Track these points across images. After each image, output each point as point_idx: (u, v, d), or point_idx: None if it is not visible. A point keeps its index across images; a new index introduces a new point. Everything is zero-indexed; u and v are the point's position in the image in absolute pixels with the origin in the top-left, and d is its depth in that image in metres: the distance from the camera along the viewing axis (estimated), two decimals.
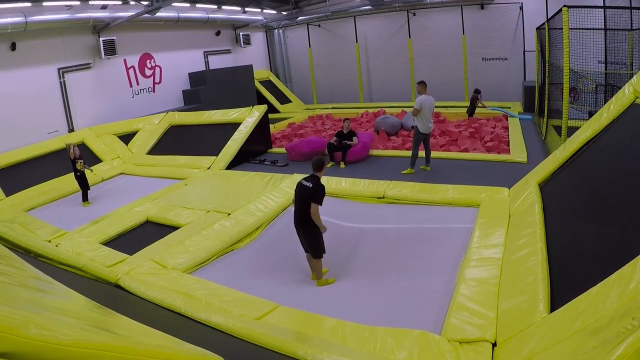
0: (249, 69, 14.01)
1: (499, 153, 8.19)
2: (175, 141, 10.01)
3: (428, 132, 7.28)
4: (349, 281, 4.19)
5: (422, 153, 7.45)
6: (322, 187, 4.09)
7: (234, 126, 9.43)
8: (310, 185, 4.05)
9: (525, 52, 12.84)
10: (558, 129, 7.03)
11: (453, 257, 4.34)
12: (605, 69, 8.85)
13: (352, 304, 3.77)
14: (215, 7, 13.55)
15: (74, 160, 7.26)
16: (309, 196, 3.99)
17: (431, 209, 5.67)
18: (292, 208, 6.13)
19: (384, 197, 6.10)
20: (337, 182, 6.66)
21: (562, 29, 6.41)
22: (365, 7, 14.48)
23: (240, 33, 15.41)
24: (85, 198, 7.36)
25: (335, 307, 3.69)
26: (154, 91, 12.40)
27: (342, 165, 8.15)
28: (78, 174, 7.29)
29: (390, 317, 3.46)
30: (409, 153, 8.67)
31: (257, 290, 4.01)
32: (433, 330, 3.12)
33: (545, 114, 8.67)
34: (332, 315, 3.41)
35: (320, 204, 4.04)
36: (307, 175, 4.23)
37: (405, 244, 4.88)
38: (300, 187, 4.15)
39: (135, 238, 5.60)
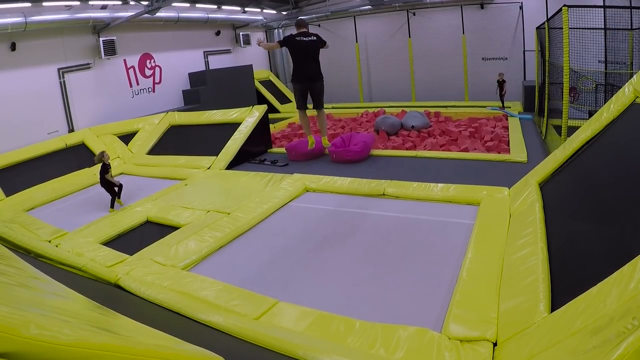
0: (249, 69, 14.01)
1: (499, 153, 8.19)
2: (175, 141, 10.01)
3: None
4: (349, 276, 4.19)
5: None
6: None
7: (234, 126, 9.44)
8: (315, 38, 4.17)
9: (525, 52, 12.84)
10: (558, 129, 7.03)
11: (453, 255, 4.34)
12: (605, 69, 8.84)
13: (352, 300, 3.77)
14: (215, 7, 13.55)
15: (108, 168, 6.63)
16: (317, 46, 4.06)
17: (432, 205, 5.71)
18: (292, 203, 6.23)
19: (384, 195, 6.12)
20: (337, 181, 6.67)
21: (562, 28, 6.41)
22: (365, 7, 14.49)
23: (240, 33, 15.41)
24: (113, 204, 6.79)
25: (335, 303, 3.68)
26: (154, 91, 12.41)
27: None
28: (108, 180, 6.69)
29: (390, 313, 3.46)
30: (409, 153, 8.73)
31: (256, 286, 4.01)
32: (433, 328, 3.12)
33: (545, 114, 8.67)
34: (332, 311, 3.42)
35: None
36: (302, 32, 4.20)
37: (405, 236, 4.90)
38: (302, 43, 4.10)
39: (135, 238, 5.60)
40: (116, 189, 6.82)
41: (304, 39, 4.23)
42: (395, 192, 6.07)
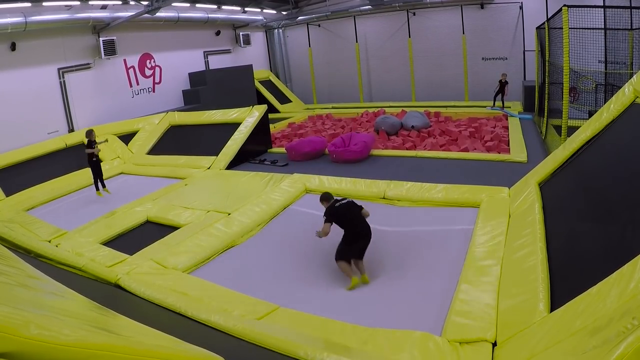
0: (248, 69, 14.01)
1: (499, 153, 8.19)
2: (175, 141, 10.02)
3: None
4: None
5: None
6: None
7: (234, 126, 9.44)
8: (349, 200, 4.36)
9: (525, 52, 12.84)
10: (558, 129, 7.04)
11: (453, 257, 4.34)
12: (605, 69, 8.84)
13: (353, 306, 3.77)
14: (215, 7, 13.54)
15: (93, 144, 7.19)
16: (360, 208, 4.26)
17: (432, 210, 5.67)
18: (292, 207, 6.22)
19: (384, 198, 6.10)
20: (337, 182, 6.66)
21: (562, 28, 6.41)
22: (365, 7, 14.48)
23: (240, 33, 15.41)
24: (98, 187, 7.39)
25: (336, 308, 3.68)
26: (154, 91, 12.40)
27: None
28: (94, 159, 7.23)
29: (390, 318, 3.46)
30: (409, 153, 8.73)
31: (257, 291, 4.01)
32: (433, 332, 3.12)
33: (545, 114, 8.67)
34: (333, 317, 3.41)
35: None
36: (333, 200, 4.37)
37: (405, 246, 4.87)
38: (347, 207, 4.25)
39: (135, 238, 5.60)
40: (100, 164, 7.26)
41: (342, 202, 4.30)
42: (395, 195, 6.04)
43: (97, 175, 7.35)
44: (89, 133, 7.37)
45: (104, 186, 7.49)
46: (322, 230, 4.12)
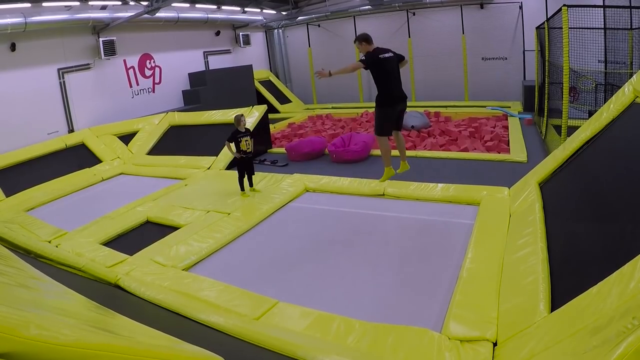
0: (248, 69, 14.01)
1: (499, 152, 8.19)
2: (175, 141, 10.01)
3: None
4: (349, 277, 4.19)
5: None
6: None
7: (234, 126, 9.41)
8: (392, 53, 3.87)
9: (525, 52, 12.84)
10: (558, 129, 7.03)
11: (453, 255, 4.34)
12: (605, 68, 8.84)
13: (352, 300, 3.77)
14: (215, 7, 13.54)
15: (238, 137, 6.09)
16: (398, 61, 3.76)
17: (432, 205, 5.71)
18: (292, 204, 6.22)
19: (384, 195, 6.12)
20: (337, 181, 6.67)
21: (561, 28, 6.41)
22: (364, 7, 14.48)
23: (240, 33, 15.41)
24: (243, 187, 6.49)
25: (335, 303, 3.68)
26: (153, 91, 12.40)
27: None
28: (244, 156, 6.26)
29: (390, 314, 3.46)
30: (409, 153, 8.69)
31: (257, 286, 4.01)
32: (433, 328, 3.12)
33: (545, 114, 8.67)
34: (332, 311, 3.42)
35: None
36: (375, 48, 3.80)
37: (405, 236, 4.91)
38: (386, 60, 3.73)
39: (135, 238, 5.60)
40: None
41: (385, 55, 3.79)
42: (395, 193, 6.08)
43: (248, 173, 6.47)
44: (239, 119, 6.20)
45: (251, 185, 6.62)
46: (350, 66, 3.58)
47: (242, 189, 6.61)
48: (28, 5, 8.67)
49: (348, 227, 5.36)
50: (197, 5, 12.87)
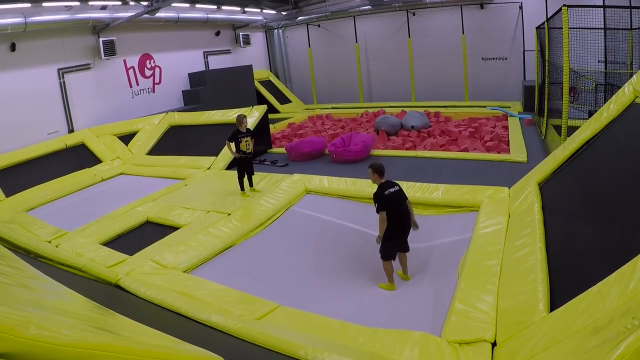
0: (248, 69, 14.01)
1: (499, 153, 8.19)
2: (175, 141, 10.01)
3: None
4: (349, 282, 4.19)
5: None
6: None
7: (234, 126, 9.40)
8: (399, 188, 4.00)
9: (525, 52, 12.84)
10: (558, 129, 7.03)
11: (452, 256, 4.34)
12: (605, 69, 8.84)
13: (353, 305, 3.77)
14: (215, 7, 13.54)
15: (238, 137, 6.11)
16: (406, 199, 3.99)
17: (431, 206, 5.67)
18: (293, 208, 6.21)
19: None
20: (337, 181, 6.66)
21: (561, 28, 6.41)
22: (365, 7, 14.48)
23: (240, 33, 15.41)
24: (243, 187, 6.51)
25: (336, 308, 3.68)
26: (153, 91, 12.40)
27: None
28: (243, 156, 6.30)
29: (390, 318, 3.46)
30: (409, 153, 8.73)
31: (258, 290, 4.01)
32: (433, 332, 3.12)
33: (545, 114, 8.67)
34: (333, 316, 3.41)
35: None
36: (382, 183, 4.00)
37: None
38: (394, 195, 3.91)
39: (135, 238, 5.60)
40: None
41: (391, 190, 3.89)
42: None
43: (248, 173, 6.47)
44: (240, 119, 6.17)
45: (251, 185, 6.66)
46: (380, 220, 3.76)
47: (242, 189, 6.63)
48: (28, 5, 8.67)
49: (348, 232, 5.34)
50: (197, 5, 12.88)
